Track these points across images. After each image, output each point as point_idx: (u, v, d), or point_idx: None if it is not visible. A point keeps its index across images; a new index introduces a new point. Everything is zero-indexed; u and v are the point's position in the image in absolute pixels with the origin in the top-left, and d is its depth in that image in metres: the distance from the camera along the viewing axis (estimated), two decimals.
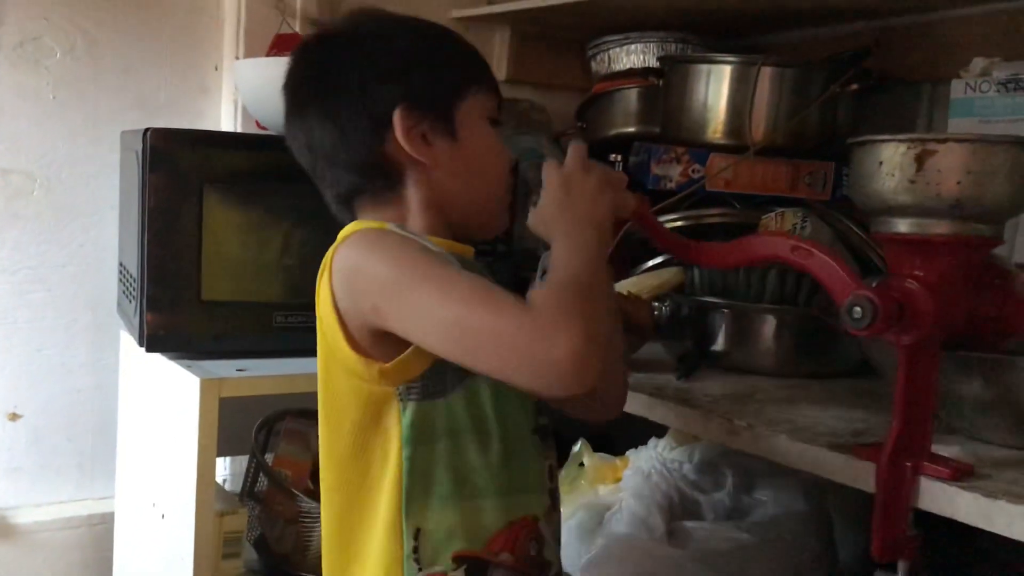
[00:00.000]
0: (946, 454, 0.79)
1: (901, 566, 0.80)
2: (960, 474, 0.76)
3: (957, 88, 1.16)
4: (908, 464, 0.77)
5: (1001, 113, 1.12)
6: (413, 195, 0.87)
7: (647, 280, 1.24)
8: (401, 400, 0.81)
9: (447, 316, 0.75)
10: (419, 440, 0.81)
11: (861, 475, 0.80)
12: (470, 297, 0.75)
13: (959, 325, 0.79)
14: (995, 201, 0.77)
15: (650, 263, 1.35)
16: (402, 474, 0.81)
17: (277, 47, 1.52)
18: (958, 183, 0.76)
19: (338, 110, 0.86)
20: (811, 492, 1.21)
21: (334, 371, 0.84)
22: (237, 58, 1.55)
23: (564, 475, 1.35)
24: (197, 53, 1.58)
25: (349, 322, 0.81)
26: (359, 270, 0.81)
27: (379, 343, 0.80)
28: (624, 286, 1.22)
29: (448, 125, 0.87)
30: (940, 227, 0.78)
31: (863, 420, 0.94)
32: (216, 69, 1.60)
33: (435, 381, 0.81)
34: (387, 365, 0.80)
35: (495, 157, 0.90)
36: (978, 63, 1.15)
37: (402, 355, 0.79)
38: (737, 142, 1.32)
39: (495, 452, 0.83)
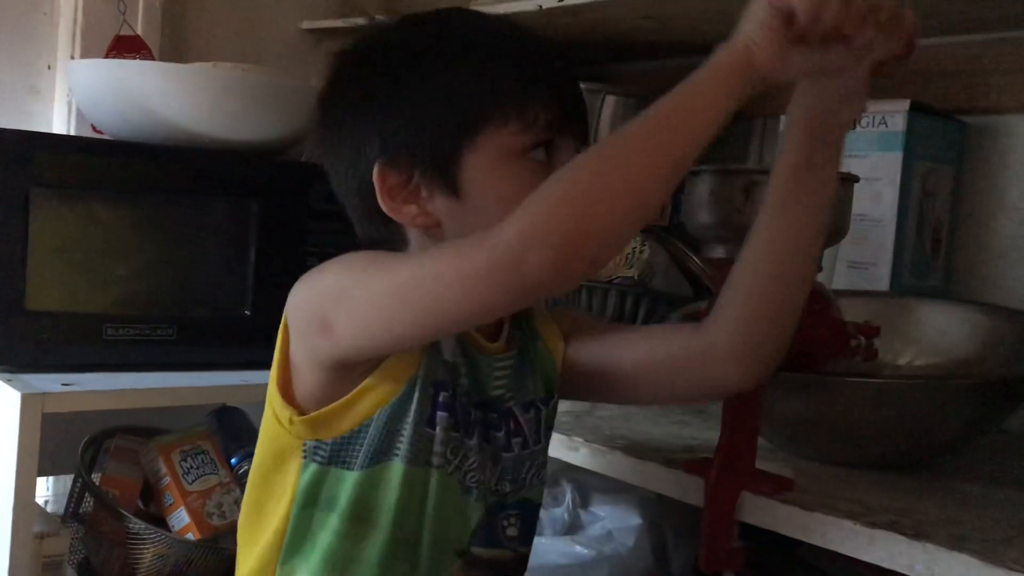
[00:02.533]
0: (769, 470, 0.83)
1: None
2: (781, 488, 0.80)
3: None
4: (734, 479, 0.81)
5: None
6: None
7: None
8: (305, 456, 0.73)
9: (402, 276, 0.65)
10: (309, 504, 0.73)
11: (691, 490, 0.84)
12: (427, 258, 0.65)
13: None
14: None
15: None
16: (286, 530, 0.74)
17: (117, 48, 1.47)
18: None
19: (334, 158, 0.75)
20: (646, 507, 1.25)
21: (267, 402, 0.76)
22: (72, 58, 1.49)
23: None
24: (27, 50, 1.50)
25: (295, 356, 0.72)
26: (310, 289, 0.71)
27: (322, 390, 0.72)
28: None
29: (447, 180, 0.71)
30: None
31: (693, 437, 0.98)
32: (49, 68, 1.52)
33: (347, 450, 0.72)
34: (301, 416, 0.72)
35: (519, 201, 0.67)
36: None
37: (322, 410, 0.72)
38: None
39: (377, 551, 0.73)
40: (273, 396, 0.75)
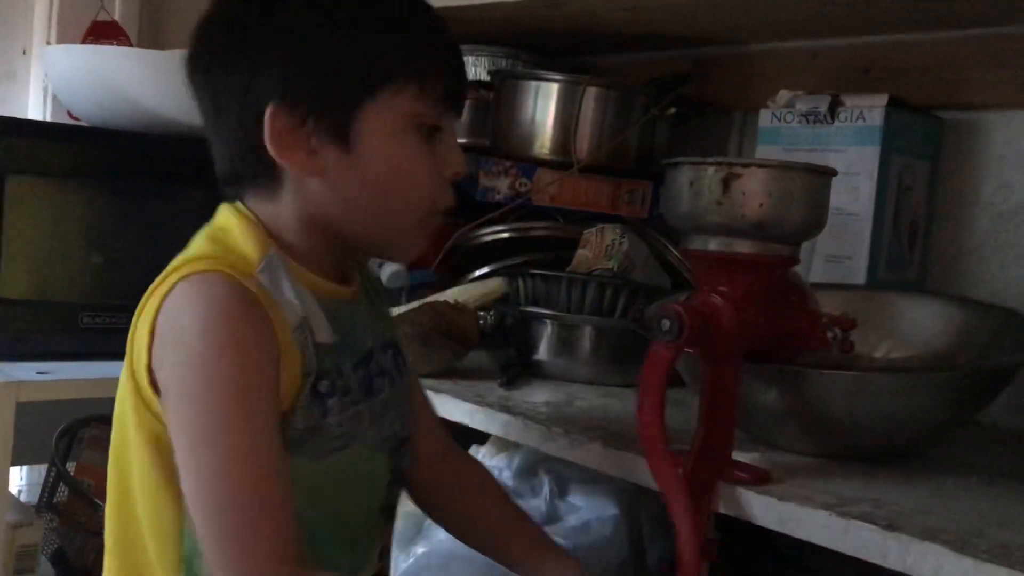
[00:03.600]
0: (746, 461, 0.83)
1: (703, 567, 0.84)
2: (757, 479, 0.81)
3: (764, 117, 1.24)
4: (711, 470, 0.82)
5: (803, 143, 1.20)
6: (291, 205, 0.74)
7: (473, 290, 1.26)
8: None
9: (205, 485, 0.68)
10: None
11: None
12: (232, 484, 0.68)
13: (760, 339, 0.84)
14: (792, 223, 0.82)
15: (476, 273, 1.37)
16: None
17: (93, 34, 1.46)
18: (760, 205, 0.81)
19: (217, 85, 0.74)
20: (623, 498, 1.26)
21: (131, 399, 0.75)
22: (48, 43, 1.47)
23: None
24: (2, 34, 1.49)
25: (157, 374, 0.72)
26: (169, 354, 0.70)
27: None
28: (451, 295, 1.24)
29: (339, 131, 0.72)
30: (744, 246, 0.82)
31: (671, 428, 0.98)
32: (24, 53, 1.51)
33: None
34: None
35: (409, 175, 0.74)
36: (784, 95, 1.23)
37: None
38: (563, 158, 1.36)
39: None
40: (149, 397, 0.73)
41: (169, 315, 0.70)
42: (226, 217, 0.77)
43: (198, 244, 0.76)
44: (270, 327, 0.70)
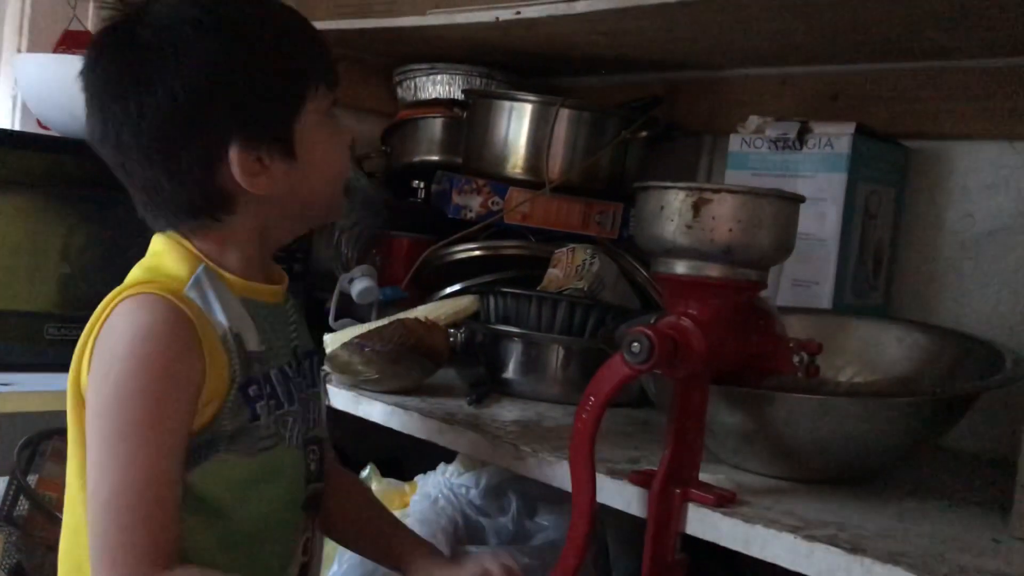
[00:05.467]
0: (712, 482, 0.84)
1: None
2: (723, 501, 0.81)
3: (734, 142, 1.25)
4: (677, 491, 0.82)
5: (771, 168, 1.22)
6: (242, 224, 0.82)
7: (444, 307, 1.26)
8: None
9: (104, 493, 0.74)
10: None
11: (635, 501, 0.85)
12: (128, 503, 0.74)
13: (727, 362, 0.85)
14: (761, 248, 0.83)
15: (448, 290, 1.37)
16: None
17: (65, 43, 1.44)
18: (730, 230, 0.82)
19: (160, 133, 0.77)
20: None
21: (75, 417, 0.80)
22: (19, 51, 1.46)
23: None
24: None
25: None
26: (97, 368, 0.77)
27: None
28: (422, 312, 1.24)
29: (286, 146, 0.80)
30: (713, 270, 0.83)
31: (638, 448, 0.99)
32: None
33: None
34: None
35: (334, 152, 0.85)
36: (753, 121, 1.24)
37: None
38: (535, 178, 1.37)
39: (225, 537, 0.81)
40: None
41: (104, 338, 0.78)
42: (157, 243, 0.84)
43: (133, 274, 0.82)
44: (195, 342, 0.77)
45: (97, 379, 0.77)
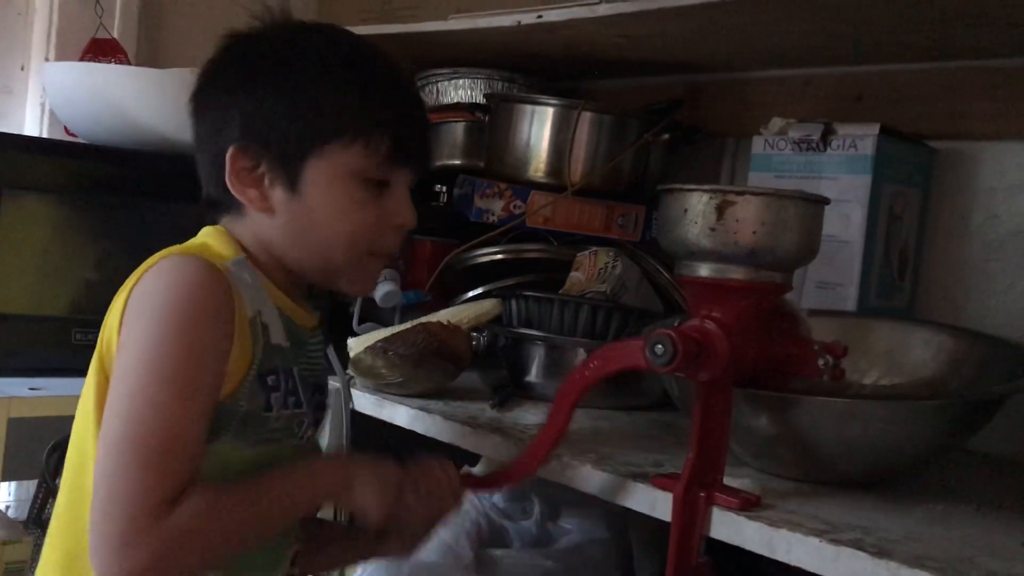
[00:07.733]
0: (736, 485, 0.84)
1: None
2: (748, 504, 0.81)
3: (757, 144, 1.25)
4: (702, 494, 0.82)
5: (795, 170, 1.21)
6: (249, 231, 0.84)
7: (466, 310, 1.27)
8: None
9: (124, 425, 0.73)
10: None
11: (659, 504, 0.84)
12: (152, 438, 0.72)
13: (751, 364, 0.85)
14: (785, 250, 0.83)
15: (470, 294, 1.38)
16: None
17: (92, 51, 1.46)
18: (754, 233, 0.81)
19: (199, 124, 0.84)
20: (613, 521, 1.26)
21: (95, 378, 0.80)
22: (47, 59, 1.48)
23: None
24: (1, 51, 1.49)
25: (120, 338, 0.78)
26: (134, 314, 0.76)
27: None
28: (444, 315, 1.24)
29: (289, 177, 0.81)
30: (737, 273, 0.83)
31: (662, 451, 0.99)
32: (22, 69, 1.51)
33: None
34: None
35: (349, 220, 0.82)
36: (776, 122, 1.24)
37: None
38: (557, 182, 1.37)
39: None
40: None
41: (142, 286, 0.78)
42: (205, 232, 0.86)
43: (172, 248, 0.83)
44: (230, 309, 0.77)
45: (136, 323, 0.76)
